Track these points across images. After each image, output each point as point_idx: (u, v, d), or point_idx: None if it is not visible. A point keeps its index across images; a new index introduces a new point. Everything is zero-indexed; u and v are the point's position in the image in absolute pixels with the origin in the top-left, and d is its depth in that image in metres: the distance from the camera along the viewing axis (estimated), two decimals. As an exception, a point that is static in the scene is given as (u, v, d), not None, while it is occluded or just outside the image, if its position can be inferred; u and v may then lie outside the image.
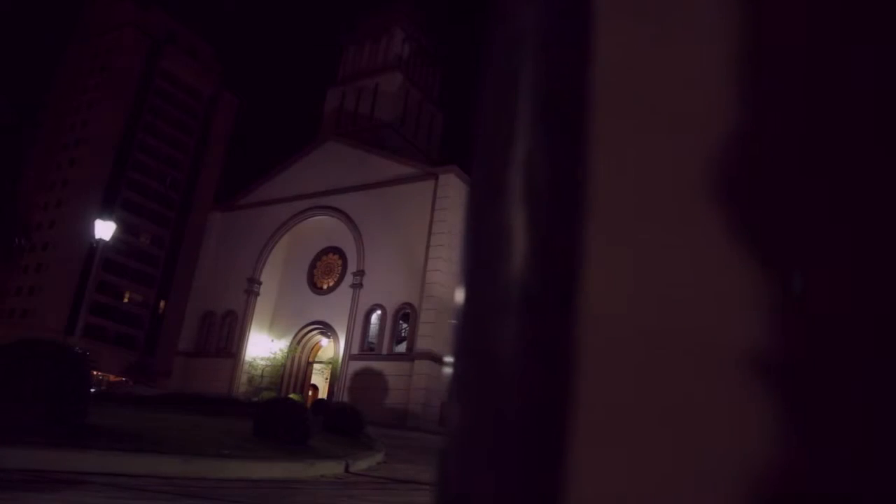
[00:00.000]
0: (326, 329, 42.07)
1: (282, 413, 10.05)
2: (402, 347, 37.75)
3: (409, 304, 37.71)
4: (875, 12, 0.43)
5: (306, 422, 10.18)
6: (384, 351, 37.89)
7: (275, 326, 44.33)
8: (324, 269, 43.97)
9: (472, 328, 0.50)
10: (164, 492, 4.97)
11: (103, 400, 16.09)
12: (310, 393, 42.82)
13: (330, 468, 8.73)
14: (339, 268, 42.92)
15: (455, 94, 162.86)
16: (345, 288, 41.12)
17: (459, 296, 0.52)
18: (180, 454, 6.43)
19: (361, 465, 10.20)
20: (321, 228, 43.92)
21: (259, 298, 44.62)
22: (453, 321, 0.50)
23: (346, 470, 9.21)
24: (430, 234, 38.23)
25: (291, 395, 35.23)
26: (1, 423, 5.38)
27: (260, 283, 44.73)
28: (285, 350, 42.84)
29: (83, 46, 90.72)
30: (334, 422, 14.18)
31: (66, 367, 6.15)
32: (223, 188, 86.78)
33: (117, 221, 20.78)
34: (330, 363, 41.66)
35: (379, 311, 39.00)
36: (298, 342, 43.26)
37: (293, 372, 43.08)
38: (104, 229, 18.43)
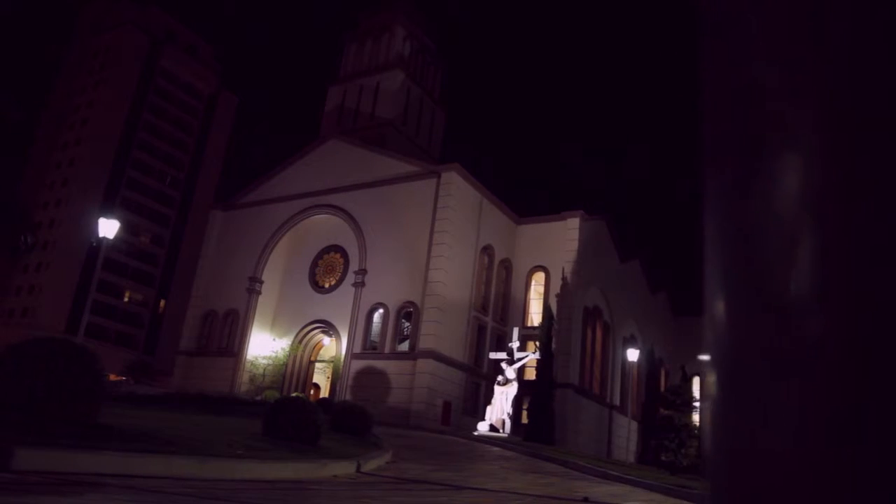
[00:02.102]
0: (328, 328, 41.95)
1: (292, 413, 9.94)
2: (404, 346, 37.64)
3: (412, 303, 37.61)
4: None
5: (317, 422, 10.08)
6: (387, 350, 37.78)
7: (276, 325, 44.21)
8: (325, 268, 43.85)
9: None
10: (183, 494, 4.87)
11: (107, 399, 15.97)
12: (311, 392, 42.72)
13: (342, 468, 8.63)
14: (341, 266, 42.80)
15: (456, 92, 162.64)
16: (347, 286, 41.00)
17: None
18: (194, 455, 6.33)
19: (371, 465, 10.11)
20: (323, 227, 43.79)
21: (260, 297, 44.50)
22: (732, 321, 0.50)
23: (358, 470, 9.12)
24: (432, 232, 38.12)
25: (294, 394, 35.08)
26: (15, 423, 5.28)
27: (261, 282, 44.60)
28: (287, 349, 42.71)
29: (83, 45, 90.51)
30: (342, 421, 14.10)
31: (79, 366, 6.05)
32: (223, 187, 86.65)
33: (117, 220, 20.62)
34: (332, 362, 41.55)
35: (381, 310, 38.89)
36: (300, 341, 43.13)
37: (295, 371, 42.96)
38: (108, 227, 18.32)
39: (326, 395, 40.14)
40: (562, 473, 13.70)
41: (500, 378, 28.47)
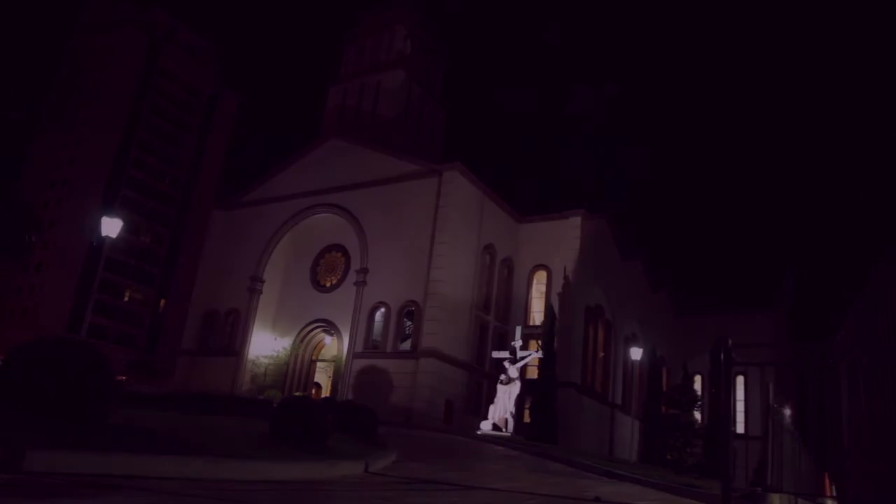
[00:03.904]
0: (330, 327, 41.90)
1: (300, 413, 9.86)
2: (406, 345, 37.59)
3: (414, 302, 37.55)
4: None
5: (324, 422, 10.00)
6: (388, 349, 37.74)
7: (278, 324, 44.16)
8: (327, 267, 43.80)
9: None
10: (197, 495, 4.81)
11: (113, 399, 15.87)
12: (313, 391, 42.67)
13: (350, 468, 8.57)
14: (343, 265, 42.75)
15: (457, 91, 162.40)
16: (348, 286, 40.95)
17: None
18: (206, 455, 6.27)
19: (379, 464, 10.05)
20: (324, 226, 43.72)
21: (262, 296, 44.44)
22: None
23: (366, 470, 9.05)
24: (433, 230, 38.06)
25: (297, 394, 35.04)
26: (25, 423, 5.22)
27: (263, 281, 44.55)
28: (288, 348, 42.67)
29: (83, 44, 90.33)
30: (347, 421, 14.01)
31: (89, 367, 5.98)
32: (224, 186, 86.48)
33: (120, 219, 20.49)
34: (333, 361, 41.50)
35: (383, 309, 38.84)
36: (302, 340, 43.10)
37: (297, 370, 42.92)
38: (111, 226, 18.24)
39: (328, 394, 40.11)
40: (568, 473, 13.65)
41: (502, 377, 28.38)
